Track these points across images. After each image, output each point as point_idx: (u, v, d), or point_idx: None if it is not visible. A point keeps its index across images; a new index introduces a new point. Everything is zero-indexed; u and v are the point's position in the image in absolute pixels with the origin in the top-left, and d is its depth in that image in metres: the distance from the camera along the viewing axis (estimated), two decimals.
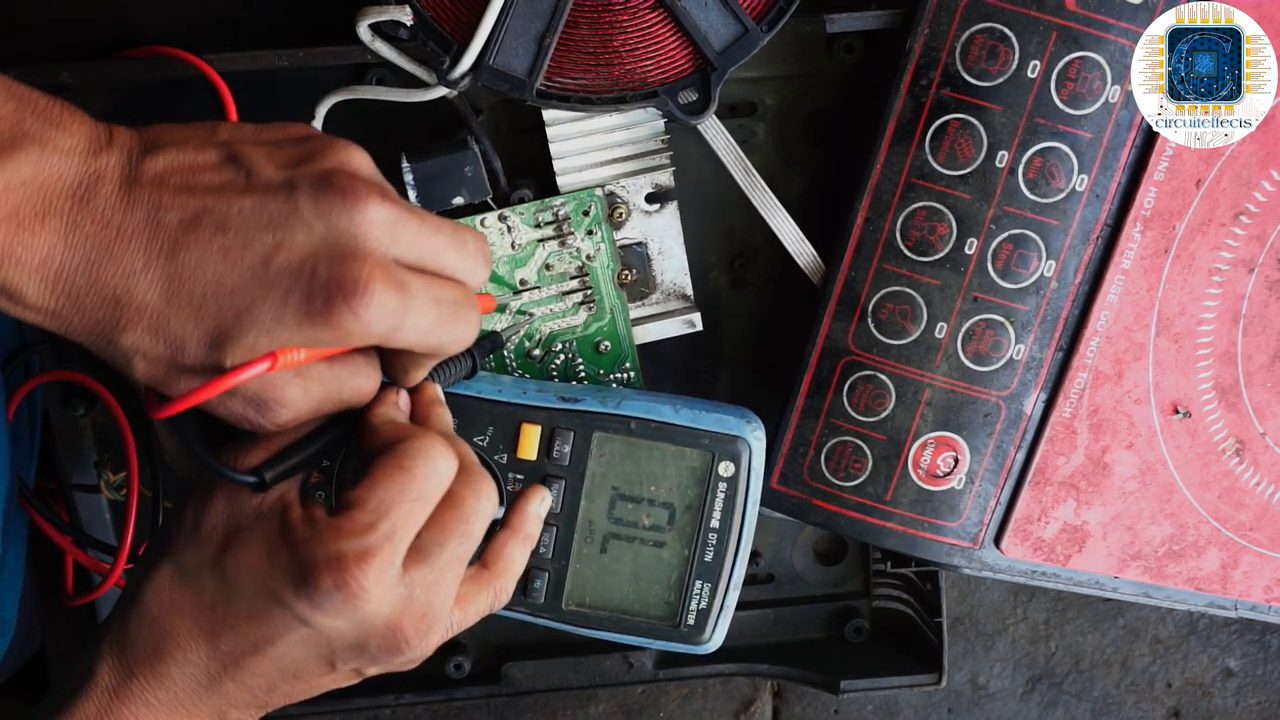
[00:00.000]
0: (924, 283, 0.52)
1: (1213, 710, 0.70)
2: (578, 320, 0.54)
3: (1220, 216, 0.52)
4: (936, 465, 0.54)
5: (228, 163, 0.38)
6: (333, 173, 0.37)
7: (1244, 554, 0.56)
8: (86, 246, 0.36)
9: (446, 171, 0.51)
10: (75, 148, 0.36)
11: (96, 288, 0.36)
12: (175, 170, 0.37)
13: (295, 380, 0.39)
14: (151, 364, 0.37)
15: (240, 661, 0.40)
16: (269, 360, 0.37)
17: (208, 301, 0.36)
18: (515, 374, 0.53)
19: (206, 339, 0.37)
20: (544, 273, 0.53)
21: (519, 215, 0.52)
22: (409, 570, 0.40)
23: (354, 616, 0.39)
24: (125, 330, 0.37)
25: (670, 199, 0.53)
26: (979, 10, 0.50)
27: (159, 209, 0.36)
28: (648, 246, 0.54)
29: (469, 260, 0.41)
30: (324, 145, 0.39)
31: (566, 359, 0.54)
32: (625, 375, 0.54)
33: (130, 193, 0.36)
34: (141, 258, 0.36)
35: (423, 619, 0.41)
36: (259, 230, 0.37)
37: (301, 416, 0.40)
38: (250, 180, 0.37)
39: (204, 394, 0.37)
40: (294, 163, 0.38)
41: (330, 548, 0.39)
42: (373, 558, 0.39)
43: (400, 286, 0.38)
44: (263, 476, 0.41)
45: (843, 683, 0.60)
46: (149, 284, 0.36)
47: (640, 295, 0.55)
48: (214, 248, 0.36)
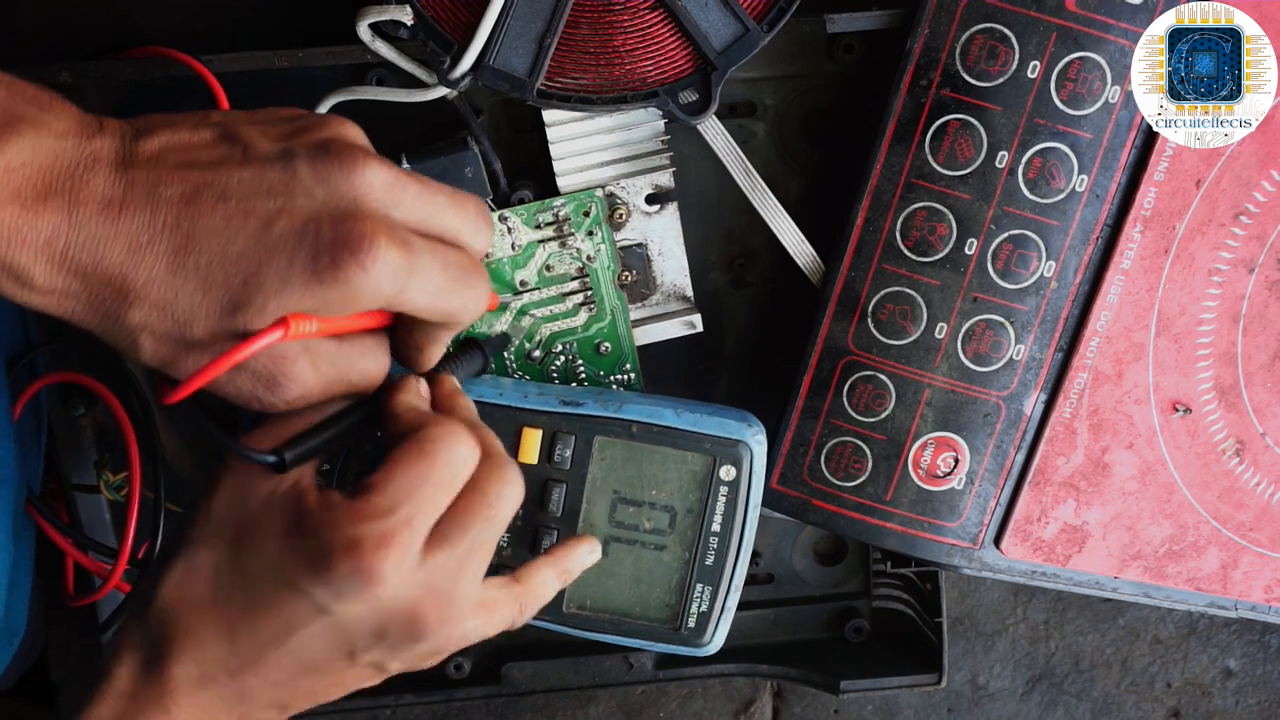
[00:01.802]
0: (924, 283, 0.52)
1: (1213, 710, 0.70)
2: (578, 321, 0.54)
3: (1220, 216, 0.52)
4: (936, 465, 0.54)
5: (223, 140, 0.38)
6: (329, 141, 0.38)
7: (1244, 554, 0.56)
8: (91, 224, 0.36)
9: (446, 172, 0.51)
10: (69, 131, 0.36)
11: (102, 265, 0.36)
12: (171, 149, 0.37)
13: (304, 355, 0.39)
14: (159, 341, 0.37)
15: (260, 655, 0.40)
16: (281, 328, 0.37)
17: (214, 269, 0.36)
18: (516, 376, 0.53)
19: (216, 308, 0.37)
20: (544, 274, 0.53)
21: (519, 216, 0.52)
22: (430, 555, 0.40)
23: (373, 602, 0.39)
24: (132, 307, 0.37)
25: (670, 200, 0.53)
26: (979, 10, 0.50)
27: (158, 184, 0.36)
28: (648, 247, 0.54)
29: (471, 223, 0.41)
30: (317, 119, 0.39)
31: (567, 360, 0.54)
32: (626, 377, 0.54)
33: (128, 172, 0.36)
34: (146, 232, 0.36)
35: (443, 606, 0.40)
36: (260, 198, 0.37)
37: (311, 395, 0.40)
38: (247, 153, 0.37)
39: (217, 367, 0.37)
40: (288, 136, 0.38)
41: (347, 531, 0.38)
42: (391, 542, 0.38)
43: (405, 243, 0.37)
44: (282, 456, 0.40)
45: (843, 683, 0.60)
46: (154, 257, 0.36)
47: (641, 296, 0.55)
48: (216, 217, 0.36)
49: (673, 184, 0.53)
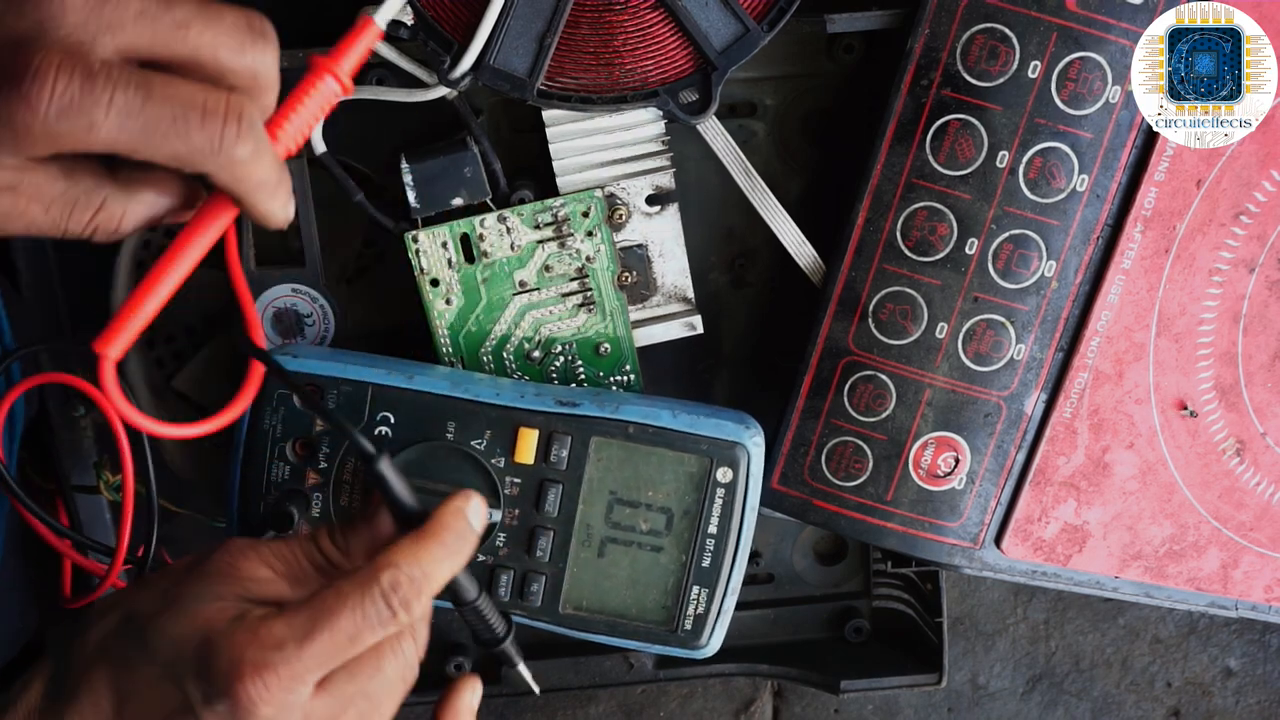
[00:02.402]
0: (925, 283, 0.52)
1: (1213, 710, 0.70)
2: (578, 322, 0.53)
3: (1220, 216, 0.52)
4: (937, 465, 0.54)
5: None
6: None
7: (1244, 554, 0.56)
8: None
9: (446, 172, 0.51)
10: None
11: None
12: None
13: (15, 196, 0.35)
14: None
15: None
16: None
17: None
18: (514, 376, 0.53)
19: None
20: (544, 274, 0.53)
21: (519, 216, 0.52)
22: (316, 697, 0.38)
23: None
24: None
25: (671, 200, 0.53)
26: (979, 10, 0.50)
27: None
28: (648, 249, 0.54)
29: (228, 39, 0.35)
30: None
31: (566, 361, 0.54)
32: (625, 378, 0.54)
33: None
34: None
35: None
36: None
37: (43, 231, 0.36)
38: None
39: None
40: None
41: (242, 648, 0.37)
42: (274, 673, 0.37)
43: (89, 74, 0.33)
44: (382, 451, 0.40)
45: (843, 683, 0.60)
46: None
47: (641, 297, 0.54)
48: None
49: (673, 185, 0.53)
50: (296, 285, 0.54)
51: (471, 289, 0.52)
